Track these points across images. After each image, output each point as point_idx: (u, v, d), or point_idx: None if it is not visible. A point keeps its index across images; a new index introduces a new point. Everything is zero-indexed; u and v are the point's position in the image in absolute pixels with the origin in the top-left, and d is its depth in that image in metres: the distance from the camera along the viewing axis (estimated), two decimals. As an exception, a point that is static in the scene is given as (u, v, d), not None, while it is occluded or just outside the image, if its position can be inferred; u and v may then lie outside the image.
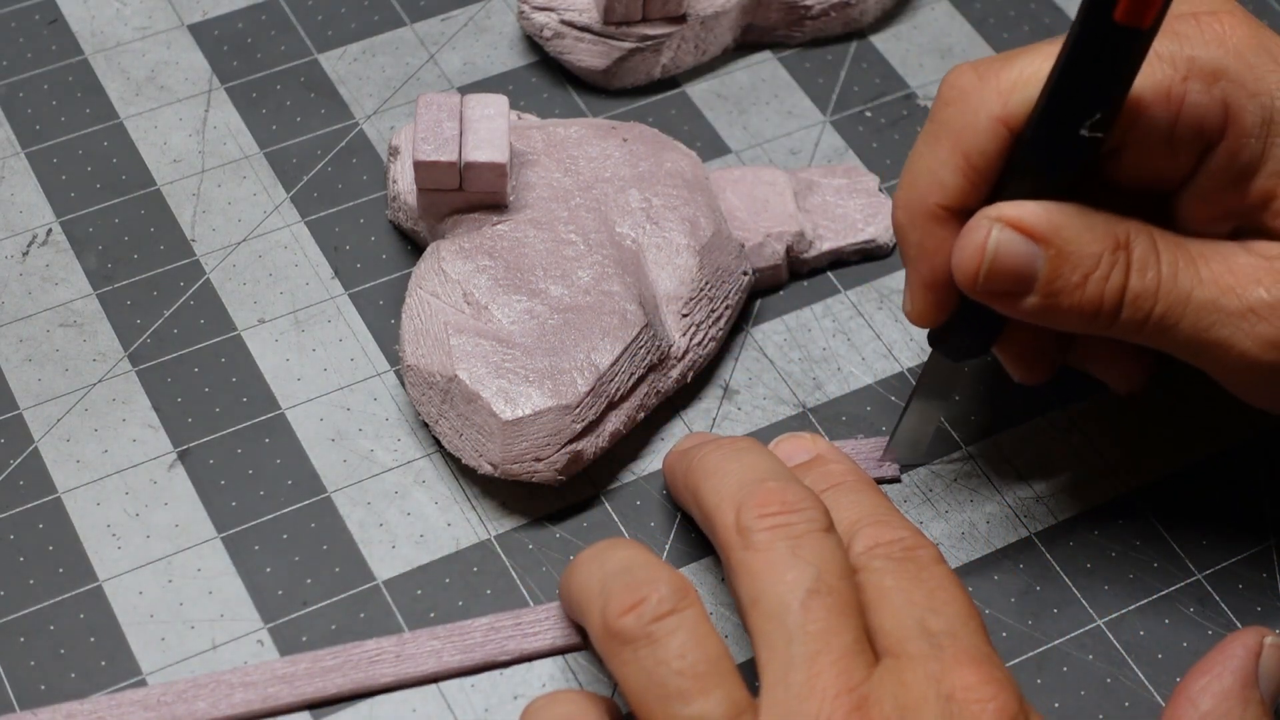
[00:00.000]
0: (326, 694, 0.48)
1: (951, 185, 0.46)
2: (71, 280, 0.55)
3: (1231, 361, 0.45)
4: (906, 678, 0.41)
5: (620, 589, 0.42)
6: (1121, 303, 0.45)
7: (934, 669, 0.41)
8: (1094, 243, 0.45)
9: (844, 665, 0.41)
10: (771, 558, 0.42)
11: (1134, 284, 0.45)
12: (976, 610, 0.43)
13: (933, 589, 0.43)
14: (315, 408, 0.53)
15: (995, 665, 0.42)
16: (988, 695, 0.41)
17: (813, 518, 0.43)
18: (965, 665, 0.41)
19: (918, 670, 0.41)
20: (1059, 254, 0.45)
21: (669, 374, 0.53)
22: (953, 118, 0.46)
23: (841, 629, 0.41)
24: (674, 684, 0.41)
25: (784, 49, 0.62)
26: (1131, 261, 0.45)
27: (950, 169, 0.46)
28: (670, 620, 0.42)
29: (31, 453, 0.52)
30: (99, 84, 0.60)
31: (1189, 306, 0.45)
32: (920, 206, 0.47)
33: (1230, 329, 0.45)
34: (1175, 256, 0.45)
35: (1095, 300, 0.45)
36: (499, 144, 0.52)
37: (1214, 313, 0.45)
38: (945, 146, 0.46)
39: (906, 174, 0.47)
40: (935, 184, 0.46)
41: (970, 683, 0.41)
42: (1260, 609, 0.51)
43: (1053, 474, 0.53)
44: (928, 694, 0.41)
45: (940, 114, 0.46)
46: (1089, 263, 0.45)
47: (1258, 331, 0.45)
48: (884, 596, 0.43)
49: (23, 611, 0.49)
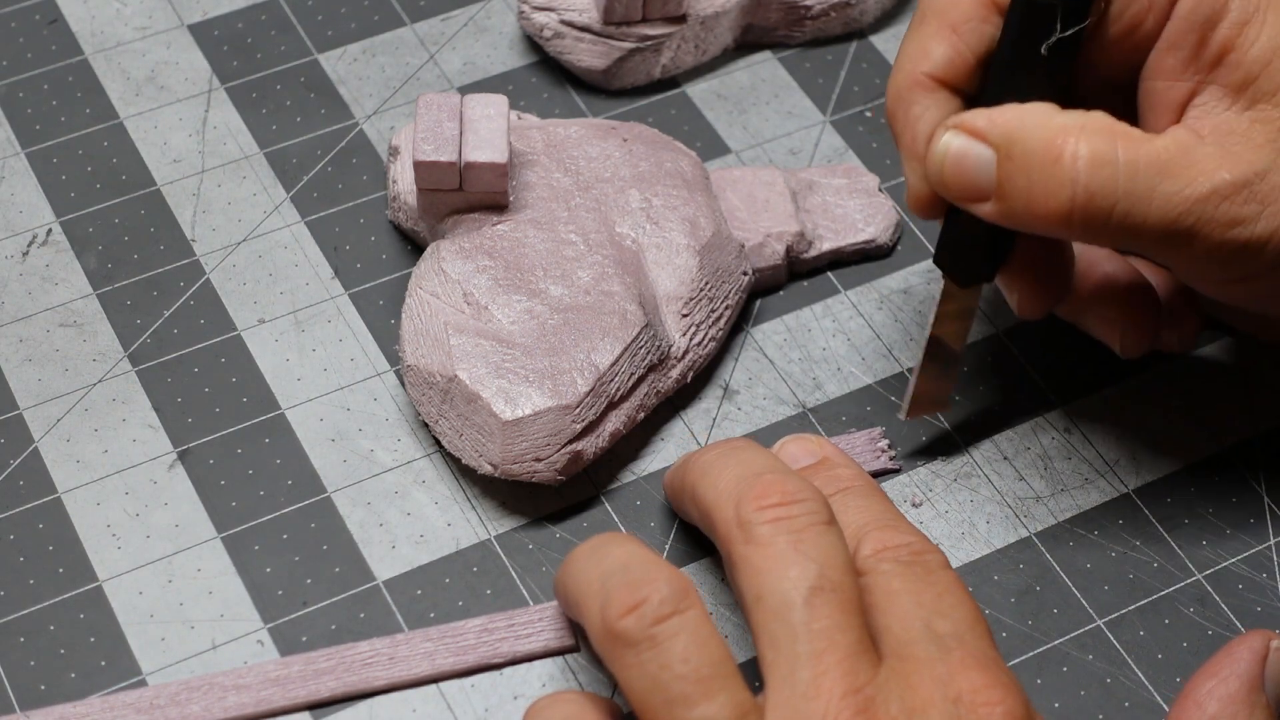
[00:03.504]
0: (320, 697, 0.48)
1: (937, 54, 0.47)
2: (71, 280, 0.55)
3: (1200, 250, 0.45)
4: (913, 680, 0.41)
5: (619, 589, 0.42)
6: (1073, 201, 0.45)
7: (941, 671, 0.41)
8: (1042, 142, 0.45)
9: (850, 665, 0.41)
10: (774, 552, 0.42)
11: (1089, 180, 0.45)
12: (982, 615, 0.43)
13: (940, 593, 0.43)
14: (315, 408, 0.53)
15: (1001, 669, 0.42)
16: (995, 699, 0.41)
17: (813, 510, 0.43)
18: (972, 668, 0.41)
19: (924, 672, 0.41)
20: (1006, 155, 0.45)
21: (669, 374, 0.53)
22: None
23: (846, 627, 0.41)
24: (678, 688, 0.41)
25: (784, 49, 0.62)
26: (1084, 158, 0.45)
27: (935, 39, 0.47)
28: (673, 622, 0.41)
29: (31, 453, 0.52)
30: (99, 84, 0.60)
31: (1153, 199, 0.45)
32: (907, 79, 0.48)
33: (1196, 215, 0.45)
34: (1136, 151, 0.45)
35: (1046, 200, 0.45)
36: (499, 144, 0.52)
37: (1179, 202, 0.45)
38: (931, 21, 0.48)
39: (896, 59, 0.49)
40: (921, 54, 0.48)
41: (977, 685, 0.41)
42: (1260, 609, 0.51)
43: (1053, 474, 0.53)
44: (934, 696, 0.41)
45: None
46: (1035, 162, 0.45)
47: (1221, 213, 0.45)
48: (891, 599, 0.43)
49: (23, 611, 0.49)
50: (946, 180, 0.47)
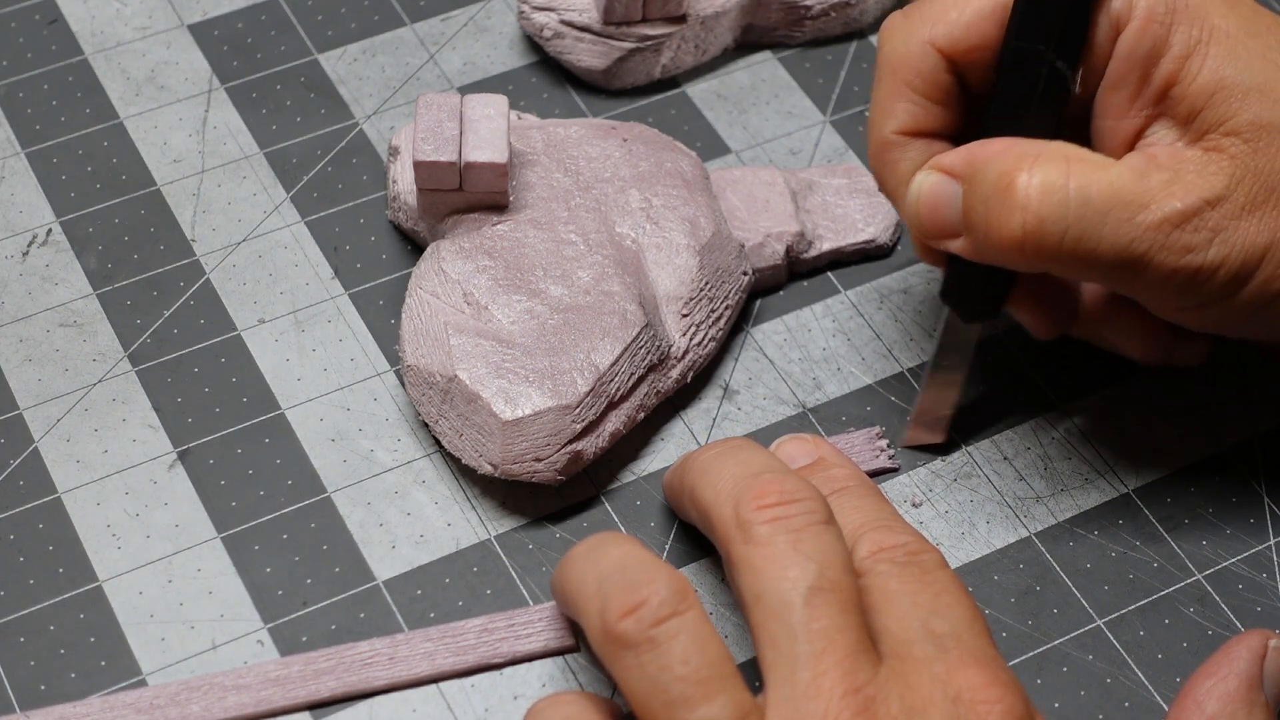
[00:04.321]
0: (320, 697, 0.48)
1: (899, 111, 0.49)
2: (71, 280, 0.55)
3: (1153, 277, 0.46)
4: (912, 679, 0.41)
5: (618, 590, 0.42)
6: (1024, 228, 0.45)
7: (940, 671, 0.41)
8: (998, 173, 0.46)
9: (850, 665, 0.41)
10: (773, 552, 0.42)
11: (1039, 207, 0.45)
12: (980, 614, 0.43)
13: (937, 593, 0.43)
14: (315, 408, 0.53)
15: (1001, 667, 0.42)
16: (994, 697, 0.41)
17: (811, 509, 0.43)
18: (971, 667, 0.41)
19: (923, 672, 0.41)
20: (969, 188, 0.47)
21: (669, 374, 0.53)
22: (888, 54, 0.49)
23: (846, 627, 0.41)
24: (678, 690, 0.41)
25: (784, 49, 0.62)
26: (1035, 186, 0.45)
27: (893, 96, 0.49)
28: (672, 624, 0.41)
29: (31, 453, 0.52)
30: (99, 84, 0.60)
31: (1105, 226, 0.45)
32: (878, 140, 0.49)
33: (1148, 242, 0.45)
34: (1088, 178, 0.46)
35: (999, 228, 0.46)
36: (499, 144, 0.52)
37: (1130, 229, 0.45)
38: (886, 80, 0.49)
39: (867, 120, 0.50)
40: (885, 114, 0.49)
41: (976, 684, 0.41)
42: (1260, 609, 0.51)
43: (1053, 474, 0.53)
44: (934, 695, 0.41)
45: (879, 57, 0.49)
46: (990, 191, 0.46)
47: (1173, 241, 0.45)
48: (889, 600, 0.43)
49: (23, 611, 0.49)
50: (922, 219, 0.48)
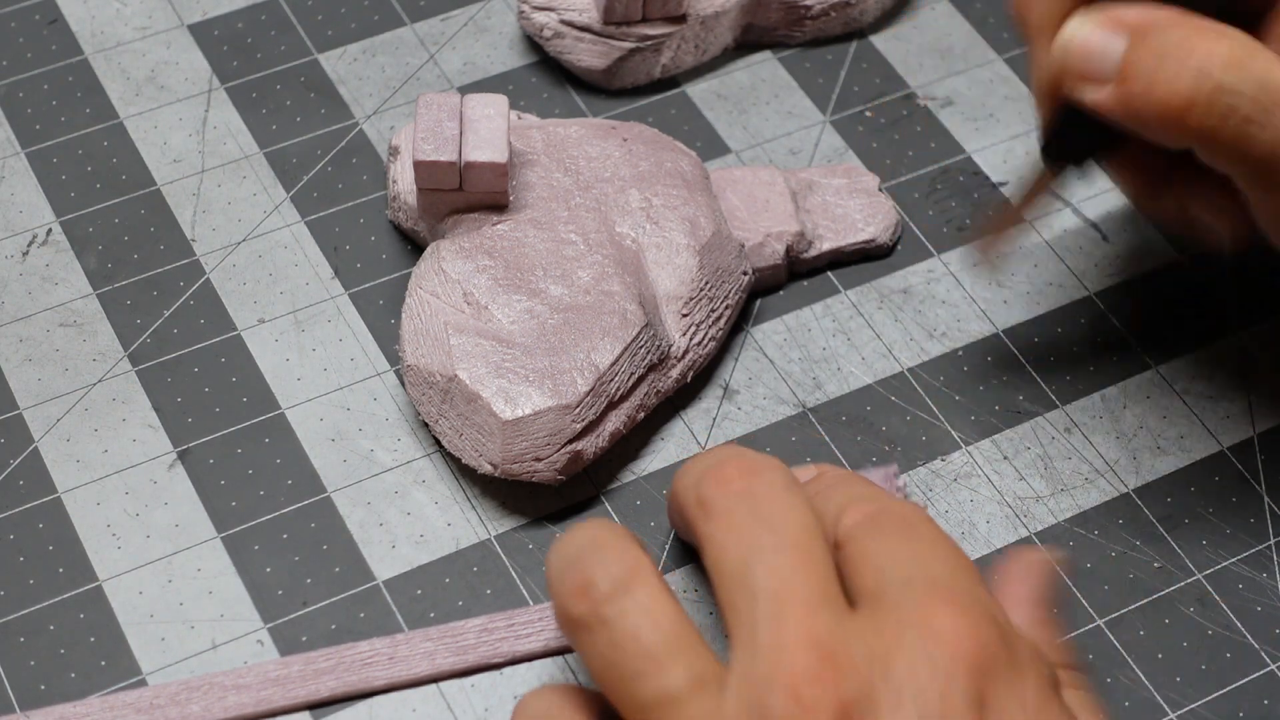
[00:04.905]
0: (320, 697, 0.48)
1: None
2: (71, 280, 0.55)
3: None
4: (881, 625, 0.40)
5: (568, 572, 0.41)
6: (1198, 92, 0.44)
7: (911, 614, 0.40)
8: (1181, 34, 0.45)
9: (810, 621, 0.39)
10: (732, 522, 0.41)
11: (1221, 75, 0.44)
12: (968, 561, 0.42)
13: (916, 544, 0.42)
14: (315, 408, 0.53)
15: (977, 603, 0.40)
16: (966, 633, 0.39)
17: (773, 480, 0.42)
18: (943, 605, 0.40)
19: (892, 616, 0.40)
20: (1139, 39, 0.45)
21: (669, 374, 0.53)
22: None
23: (807, 581, 0.40)
24: (631, 666, 0.40)
25: (784, 49, 0.62)
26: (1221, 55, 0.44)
27: None
28: (620, 601, 0.40)
29: (31, 453, 0.52)
30: (99, 84, 0.60)
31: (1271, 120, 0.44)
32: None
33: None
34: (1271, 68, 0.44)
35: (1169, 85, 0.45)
36: (499, 144, 0.52)
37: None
38: None
39: None
40: None
41: (948, 623, 0.39)
42: (1260, 609, 0.51)
43: (1053, 474, 0.53)
44: (903, 639, 0.39)
45: None
46: (1170, 49, 0.45)
47: None
48: (866, 557, 0.42)
49: (23, 611, 0.49)
50: (1071, 58, 0.46)
